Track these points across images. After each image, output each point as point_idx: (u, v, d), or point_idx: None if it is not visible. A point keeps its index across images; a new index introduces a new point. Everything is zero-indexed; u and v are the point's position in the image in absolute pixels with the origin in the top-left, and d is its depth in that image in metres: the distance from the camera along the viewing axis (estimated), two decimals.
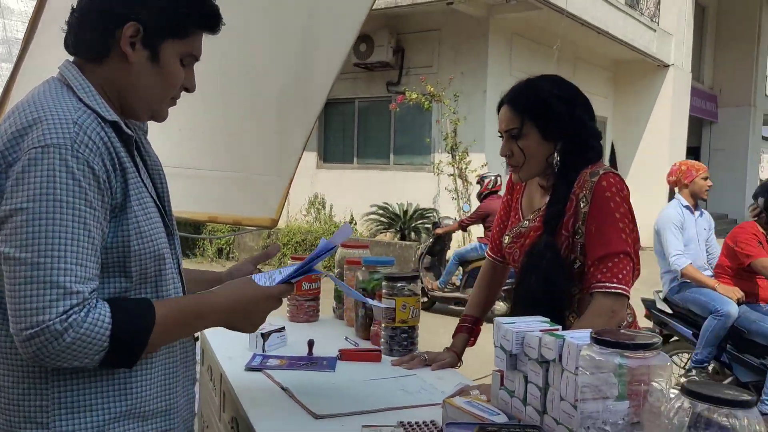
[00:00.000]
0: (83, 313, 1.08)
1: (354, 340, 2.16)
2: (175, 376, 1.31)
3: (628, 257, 1.69)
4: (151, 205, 1.26)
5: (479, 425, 1.27)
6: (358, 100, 12.25)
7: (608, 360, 1.08)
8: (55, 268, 1.06)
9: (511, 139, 1.80)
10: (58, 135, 1.10)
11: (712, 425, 0.89)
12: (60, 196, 1.08)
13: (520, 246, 1.87)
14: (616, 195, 1.71)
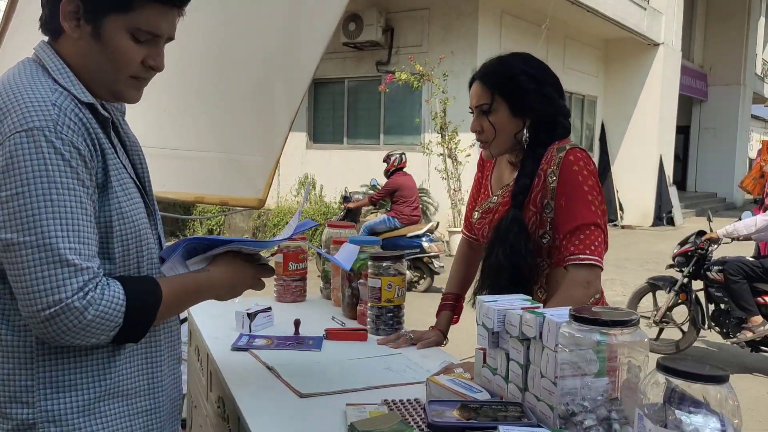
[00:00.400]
0: (99, 290, 1.10)
1: (341, 320, 2.17)
2: (160, 355, 1.32)
3: (599, 229, 1.71)
4: (131, 186, 1.25)
5: (461, 403, 1.28)
6: (348, 79, 12.19)
7: (587, 337, 1.09)
8: (62, 247, 1.07)
9: (481, 115, 1.82)
10: (40, 117, 1.09)
11: (686, 400, 0.90)
12: (54, 177, 1.08)
13: (488, 222, 1.89)
14: (584, 169, 1.74)
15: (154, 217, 1.35)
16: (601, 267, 1.70)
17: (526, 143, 1.80)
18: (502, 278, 1.74)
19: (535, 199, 1.78)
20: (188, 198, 3.00)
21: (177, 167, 2.81)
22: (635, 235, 13.02)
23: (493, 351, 1.40)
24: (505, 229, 1.76)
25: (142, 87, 1.28)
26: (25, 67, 1.19)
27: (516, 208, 1.78)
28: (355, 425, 1.27)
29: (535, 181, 1.78)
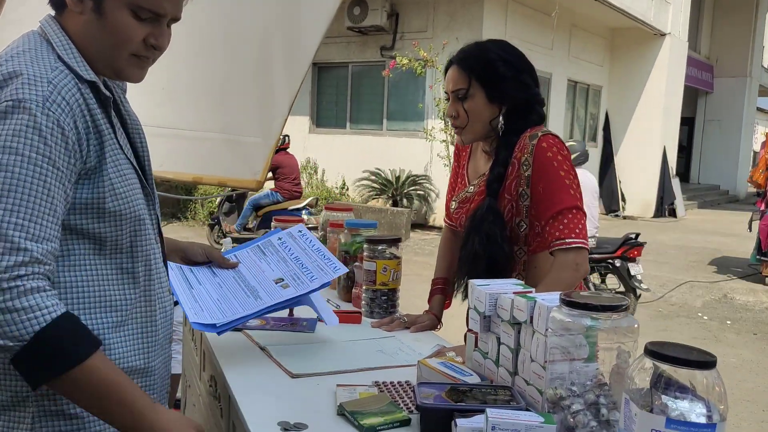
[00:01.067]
0: (30, 285, 1.03)
1: (336, 302, 2.17)
2: (154, 335, 1.31)
3: (581, 211, 1.72)
4: (127, 166, 1.24)
5: (451, 386, 1.28)
6: (352, 64, 12.14)
7: (577, 322, 1.09)
8: (6, 222, 1.04)
9: (457, 100, 1.82)
10: (31, 91, 1.08)
11: (672, 385, 0.90)
12: (22, 151, 1.06)
13: (465, 211, 1.89)
14: (558, 154, 1.74)
15: (152, 198, 1.34)
16: (587, 249, 1.71)
17: (501, 130, 1.80)
18: (479, 267, 1.75)
19: (509, 187, 1.79)
20: (186, 178, 3.00)
21: (176, 147, 2.80)
22: (636, 226, 12.96)
23: (484, 335, 1.39)
24: (480, 218, 1.77)
25: (146, 66, 1.26)
26: (29, 41, 1.18)
27: (491, 197, 1.78)
28: (344, 405, 1.28)
29: (509, 169, 1.78)
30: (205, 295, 1.58)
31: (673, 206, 14.95)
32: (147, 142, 1.39)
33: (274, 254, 1.71)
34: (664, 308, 6.76)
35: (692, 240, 11.39)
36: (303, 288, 1.58)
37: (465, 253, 1.81)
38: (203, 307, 1.54)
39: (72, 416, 1.17)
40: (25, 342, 1.02)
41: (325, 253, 1.67)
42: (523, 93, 1.81)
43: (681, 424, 0.87)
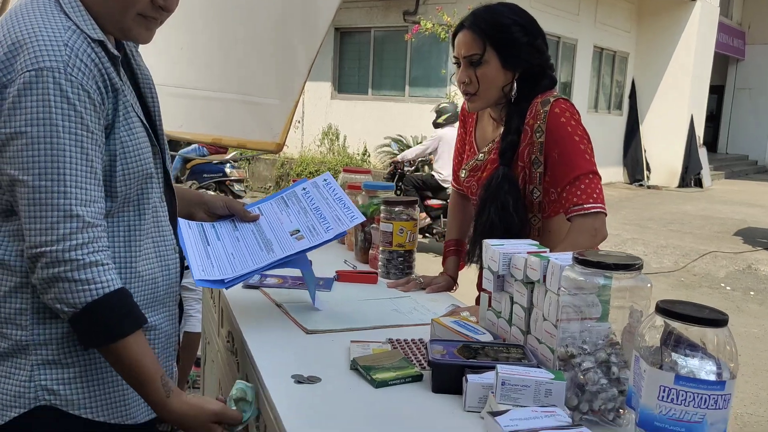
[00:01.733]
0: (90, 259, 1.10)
1: (353, 263, 2.18)
2: (155, 292, 1.32)
3: (597, 176, 1.70)
4: (137, 123, 1.24)
5: (463, 343, 1.29)
6: (374, 29, 12.01)
7: (590, 280, 1.09)
8: (54, 191, 1.08)
9: (469, 66, 1.77)
10: (51, 58, 1.08)
11: (682, 343, 0.89)
12: (56, 121, 1.08)
13: (477, 179, 1.88)
14: (571, 119, 1.72)
15: (161, 155, 1.34)
16: (605, 213, 1.70)
17: (513, 97, 1.78)
18: (495, 236, 1.71)
19: (522, 154, 1.77)
20: (205, 139, 3.02)
21: (195, 107, 2.81)
22: (660, 196, 12.86)
23: (498, 294, 1.40)
24: (496, 187, 1.76)
25: (153, 28, 1.25)
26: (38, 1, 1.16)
27: (505, 166, 1.77)
28: (357, 360, 1.29)
29: (522, 135, 1.76)
30: (221, 250, 1.59)
31: (699, 176, 14.73)
32: (160, 100, 1.39)
33: (296, 205, 1.71)
34: (686, 278, 6.71)
35: (718, 210, 11.24)
36: (317, 239, 1.58)
37: (480, 222, 1.80)
38: (215, 263, 1.55)
39: (68, 365, 1.20)
40: (77, 310, 1.10)
41: (346, 202, 1.66)
42: (537, 59, 1.78)
43: (690, 381, 0.87)
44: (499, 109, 1.84)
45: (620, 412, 1.08)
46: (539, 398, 1.05)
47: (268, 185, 11.45)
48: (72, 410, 1.21)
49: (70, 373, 1.20)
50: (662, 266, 7.06)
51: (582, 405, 1.08)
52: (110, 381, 1.24)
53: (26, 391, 1.19)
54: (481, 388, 1.12)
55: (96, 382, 1.23)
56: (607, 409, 1.08)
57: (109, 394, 1.24)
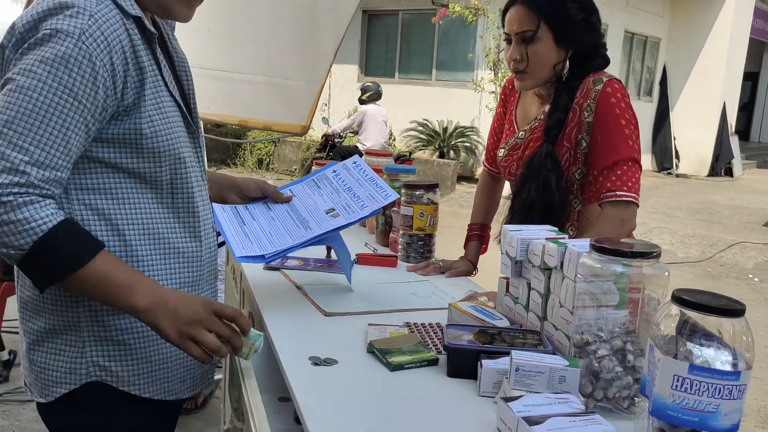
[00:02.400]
0: (24, 200, 1.06)
1: (373, 246, 2.19)
2: (200, 270, 1.35)
3: (636, 164, 1.67)
4: (169, 103, 1.24)
5: (480, 328, 1.29)
6: (402, 12, 11.95)
7: (607, 268, 1.08)
8: (11, 142, 1.06)
9: (521, 43, 1.73)
10: (70, 23, 1.09)
11: (698, 332, 0.89)
12: (44, 78, 1.07)
13: (516, 158, 1.85)
14: (621, 101, 1.68)
15: (197, 137, 1.35)
16: (637, 204, 1.66)
17: (565, 76, 1.74)
18: (534, 215, 1.71)
19: (569, 134, 1.73)
20: (232, 121, 3.04)
21: (222, 89, 2.83)
22: (689, 185, 12.67)
23: (515, 280, 1.40)
24: (538, 164, 1.72)
25: (194, 6, 1.26)
26: None
27: (549, 144, 1.72)
28: (374, 343, 1.30)
29: (569, 115, 1.72)
30: (258, 229, 1.61)
31: (730, 165, 14.47)
32: (193, 81, 1.41)
33: (327, 186, 1.72)
34: (713, 269, 6.62)
35: (748, 200, 11.05)
36: (353, 216, 1.59)
37: (520, 200, 1.76)
38: (254, 240, 1.57)
39: (119, 342, 1.23)
40: (26, 251, 1.06)
41: (378, 181, 1.67)
42: (591, 37, 1.73)
43: (704, 371, 0.87)
44: (548, 86, 1.80)
45: (635, 400, 1.07)
46: (553, 385, 1.06)
47: (294, 168, 11.48)
48: (121, 386, 1.25)
49: (121, 350, 1.24)
50: (689, 256, 6.98)
51: (596, 392, 1.08)
52: (156, 358, 1.28)
53: (78, 368, 1.22)
54: (496, 373, 1.13)
55: (144, 359, 1.26)
56: (621, 397, 1.08)
57: (155, 371, 1.28)
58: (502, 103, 2.00)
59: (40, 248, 1.06)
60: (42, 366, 1.24)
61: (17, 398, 3.13)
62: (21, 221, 1.05)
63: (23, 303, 1.26)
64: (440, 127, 11.12)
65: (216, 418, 3.11)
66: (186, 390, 1.36)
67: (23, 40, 1.11)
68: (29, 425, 2.95)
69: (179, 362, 1.32)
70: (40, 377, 1.25)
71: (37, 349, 1.24)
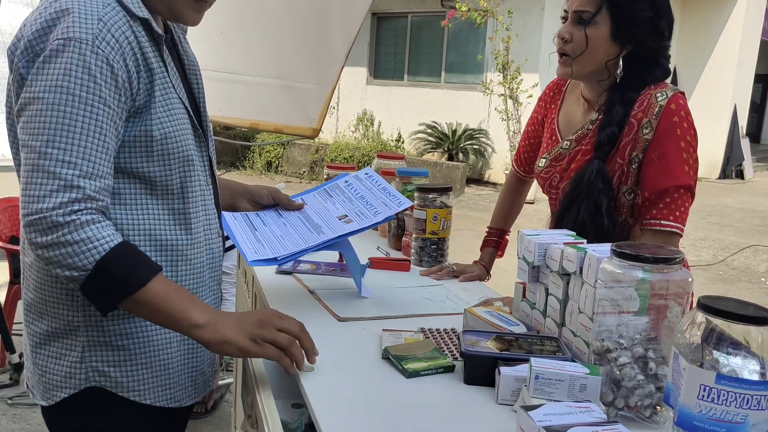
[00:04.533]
0: (86, 218, 1.07)
1: (385, 250, 2.17)
2: (201, 276, 1.33)
3: (689, 193, 1.56)
4: (178, 106, 1.24)
5: (496, 334, 1.27)
6: (411, 14, 11.95)
7: (628, 273, 1.06)
8: (59, 160, 1.06)
9: (577, 23, 1.59)
10: (81, 29, 1.09)
11: (724, 341, 0.87)
12: (73, 90, 1.07)
13: (560, 170, 1.73)
14: (684, 120, 1.55)
15: (205, 140, 1.34)
16: (681, 235, 1.55)
17: (618, 78, 1.60)
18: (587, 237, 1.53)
19: (623, 150, 1.59)
20: (243, 124, 3.04)
21: (233, 92, 2.83)
22: (700, 187, 12.49)
23: (532, 285, 1.38)
24: (589, 183, 1.59)
25: (202, 10, 1.26)
26: None
27: (600, 161, 1.60)
28: (389, 349, 1.29)
29: (625, 129, 1.59)
30: (269, 234, 1.60)
31: (740, 167, 14.37)
32: (204, 85, 1.40)
33: (340, 195, 1.71)
34: (725, 272, 6.57)
35: (759, 203, 10.97)
36: (366, 222, 1.58)
37: (569, 221, 1.62)
38: (266, 244, 1.56)
39: (119, 347, 1.22)
40: (89, 271, 1.07)
41: (391, 191, 1.65)
42: (653, 41, 1.59)
43: (732, 381, 0.85)
44: (598, 90, 1.66)
45: (657, 409, 1.05)
46: (573, 393, 1.04)
47: (303, 170, 11.48)
48: (120, 392, 1.23)
49: (120, 356, 1.22)
50: (700, 259, 6.92)
51: (617, 401, 1.06)
52: (157, 365, 1.26)
53: (77, 372, 1.21)
54: (514, 381, 1.11)
55: (144, 365, 1.25)
56: (643, 406, 1.06)
57: (156, 378, 1.27)
58: (543, 105, 1.88)
59: (102, 268, 1.07)
60: (44, 369, 1.24)
61: (27, 401, 3.13)
62: (84, 241, 1.06)
63: (27, 305, 1.26)
64: (449, 130, 11.10)
65: (226, 422, 3.10)
66: (188, 397, 1.34)
67: (33, 50, 1.11)
68: (39, 428, 2.95)
69: (181, 369, 1.31)
70: (42, 380, 1.25)
71: (39, 352, 1.24)
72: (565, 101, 1.81)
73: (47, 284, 1.21)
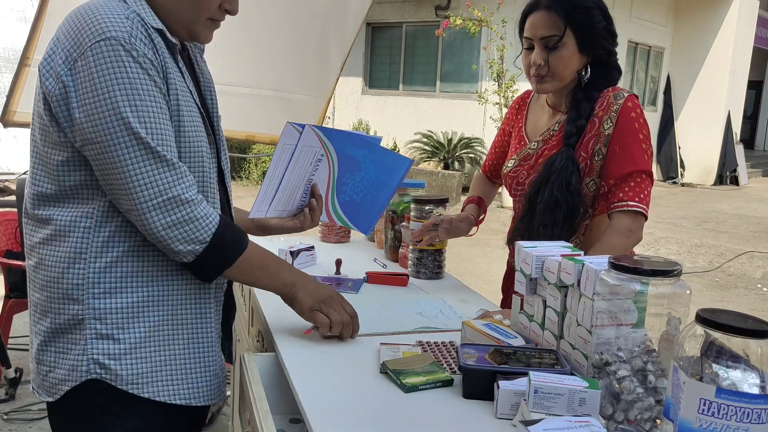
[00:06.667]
0: (198, 196, 1.21)
1: (382, 262, 2.17)
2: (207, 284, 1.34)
3: (650, 178, 1.69)
4: (195, 112, 1.28)
5: (495, 347, 1.27)
6: (406, 24, 11.98)
7: (626, 286, 1.06)
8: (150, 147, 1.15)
9: (545, 49, 1.72)
10: (116, 28, 1.14)
11: (724, 354, 0.86)
12: (135, 84, 1.14)
13: (528, 168, 1.84)
14: (640, 116, 1.71)
15: (217, 147, 1.37)
16: (645, 216, 1.67)
17: (584, 82, 1.75)
18: (558, 214, 1.70)
19: (587, 144, 1.73)
20: (240, 136, 3.03)
21: (229, 104, 2.81)
22: (695, 194, 12.62)
23: (530, 297, 1.37)
24: (561, 166, 1.71)
25: (215, 29, 1.34)
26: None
27: (569, 148, 1.72)
28: (387, 364, 1.28)
29: (588, 125, 1.73)
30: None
31: (735, 174, 14.42)
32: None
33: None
34: (721, 278, 6.57)
35: (754, 209, 11.00)
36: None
37: (542, 200, 1.72)
38: None
39: (119, 340, 1.24)
40: (208, 243, 1.22)
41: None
42: (609, 44, 1.75)
43: (732, 394, 0.84)
44: (560, 95, 1.81)
45: (657, 422, 1.05)
46: (573, 407, 1.03)
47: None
48: (120, 385, 1.25)
49: (120, 348, 1.24)
50: (696, 266, 6.93)
51: (617, 414, 1.06)
52: (159, 359, 1.28)
53: (79, 365, 1.24)
54: (513, 395, 1.10)
55: (144, 359, 1.26)
56: (643, 419, 1.05)
57: (157, 372, 1.28)
58: (514, 113, 1.99)
59: (216, 240, 1.23)
60: (50, 365, 1.26)
61: (24, 417, 3.11)
62: (204, 217, 1.21)
63: (33, 305, 1.29)
64: (445, 139, 11.12)
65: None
66: (195, 397, 1.33)
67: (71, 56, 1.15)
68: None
69: (187, 366, 1.31)
70: (48, 377, 1.27)
71: (45, 350, 1.27)
72: (530, 111, 1.93)
73: (53, 281, 1.24)
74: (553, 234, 1.68)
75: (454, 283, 1.99)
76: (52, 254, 1.23)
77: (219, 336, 1.44)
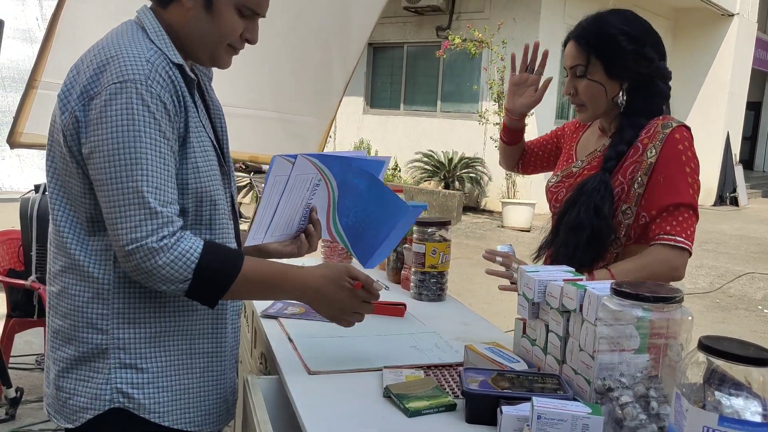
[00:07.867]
0: (174, 239, 1.18)
1: (384, 283, 2.17)
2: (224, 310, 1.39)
3: (696, 215, 1.64)
4: (208, 145, 1.31)
5: (497, 372, 1.28)
6: (407, 45, 12.07)
7: (628, 312, 1.07)
8: (139, 192, 1.16)
9: (575, 77, 1.74)
10: (134, 71, 1.18)
11: (726, 381, 0.87)
12: (138, 127, 1.16)
13: (568, 186, 1.81)
14: (688, 149, 1.66)
15: (229, 177, 1.41)
16: (690, 254, 1.61)
17: (622, 107, 1.72)
18: (581, 236, 1.66)
19: (626, 169, 1.69)
20: (244, 157, 3.06)
21: (233, 126, 2.84)
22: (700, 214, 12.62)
23: (532, 322, 1.38)
24: (592, 189, 1.68)
25: (234, 55, 1.38)
26: (127, 28, 1.29)
27: (605, 172, 1.69)
28: (390, 388, 1.29)
29: (631, 151, 1.69)
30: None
31: (734, 194, 14.46)
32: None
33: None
34: (722, 300, 6.57)
35: (754, 230, 11.01)
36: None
37: (567, 220, 1.71)
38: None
39: (142, 369, 1.27)
40: (189, 280, 1.20)
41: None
42: (645, 67, 1.69)
43: (734, 422, 0.85)
44: (610, 119, 1.79)
45: None
46: None
47: None
48: (142, 413, 1.27)
49: (144, 378, 1.27)
50: (697, 287, 6.93)
51: None
52: (178, 388, 1.31)
53: (102, 393, 1.26)
54: (516, 420, 1.10)
55: (165, 388, 1.29)
56: None
57: (176, 401, 1.31)
58: (564, 132, 2.00)
59: (199, 273, 1.20)
60: (70, 392, 1.28)
61: None
62: (178, 258, 1.18)
63: (54, 332, 1.31)
64: (445, 158, 11.16)
65: None
66: (209, 423, 1.38)
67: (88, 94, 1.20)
68: None
69: (202, 394, 1.35)
70: (68, 403, 1.28)
71: (66, 377, 1.28)
72: (586, 131, 1.92)
73: (77, 310, 1.26)
74: (573, 256, 1.65)
75: (456, 305, 1.99)
76: (76, 284, 1.26)
77: (236, 360, 1.47)
